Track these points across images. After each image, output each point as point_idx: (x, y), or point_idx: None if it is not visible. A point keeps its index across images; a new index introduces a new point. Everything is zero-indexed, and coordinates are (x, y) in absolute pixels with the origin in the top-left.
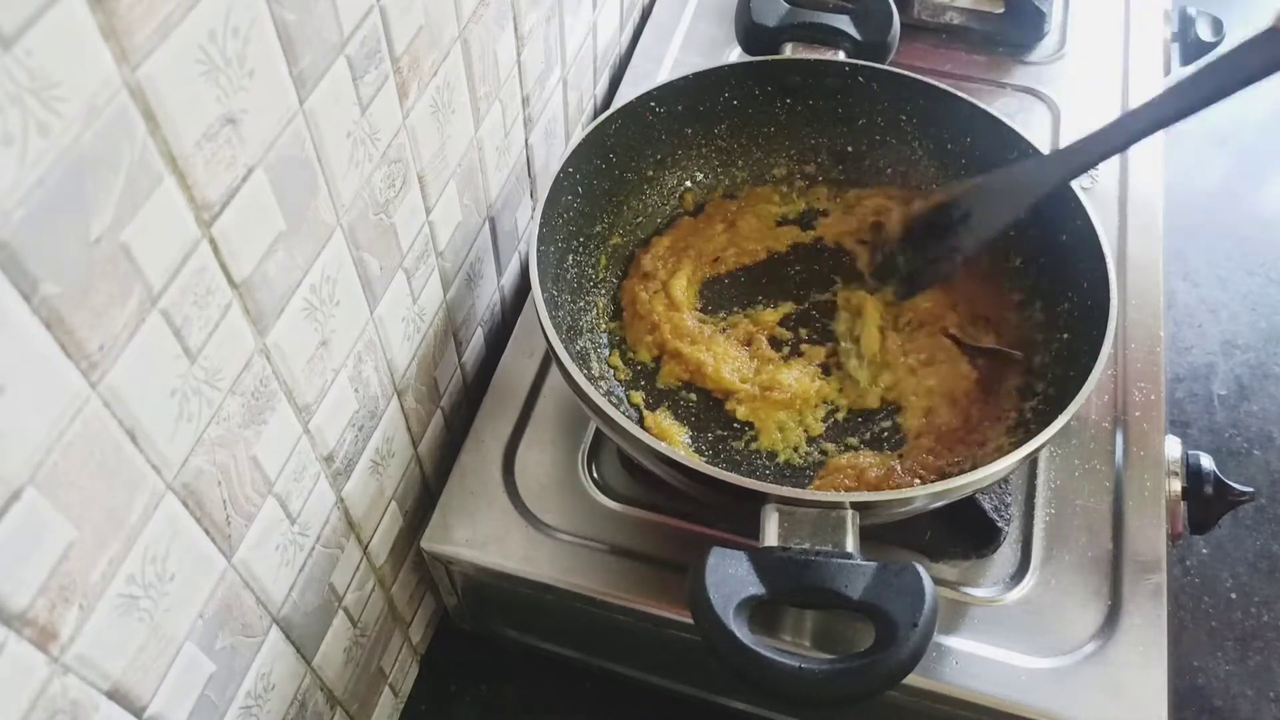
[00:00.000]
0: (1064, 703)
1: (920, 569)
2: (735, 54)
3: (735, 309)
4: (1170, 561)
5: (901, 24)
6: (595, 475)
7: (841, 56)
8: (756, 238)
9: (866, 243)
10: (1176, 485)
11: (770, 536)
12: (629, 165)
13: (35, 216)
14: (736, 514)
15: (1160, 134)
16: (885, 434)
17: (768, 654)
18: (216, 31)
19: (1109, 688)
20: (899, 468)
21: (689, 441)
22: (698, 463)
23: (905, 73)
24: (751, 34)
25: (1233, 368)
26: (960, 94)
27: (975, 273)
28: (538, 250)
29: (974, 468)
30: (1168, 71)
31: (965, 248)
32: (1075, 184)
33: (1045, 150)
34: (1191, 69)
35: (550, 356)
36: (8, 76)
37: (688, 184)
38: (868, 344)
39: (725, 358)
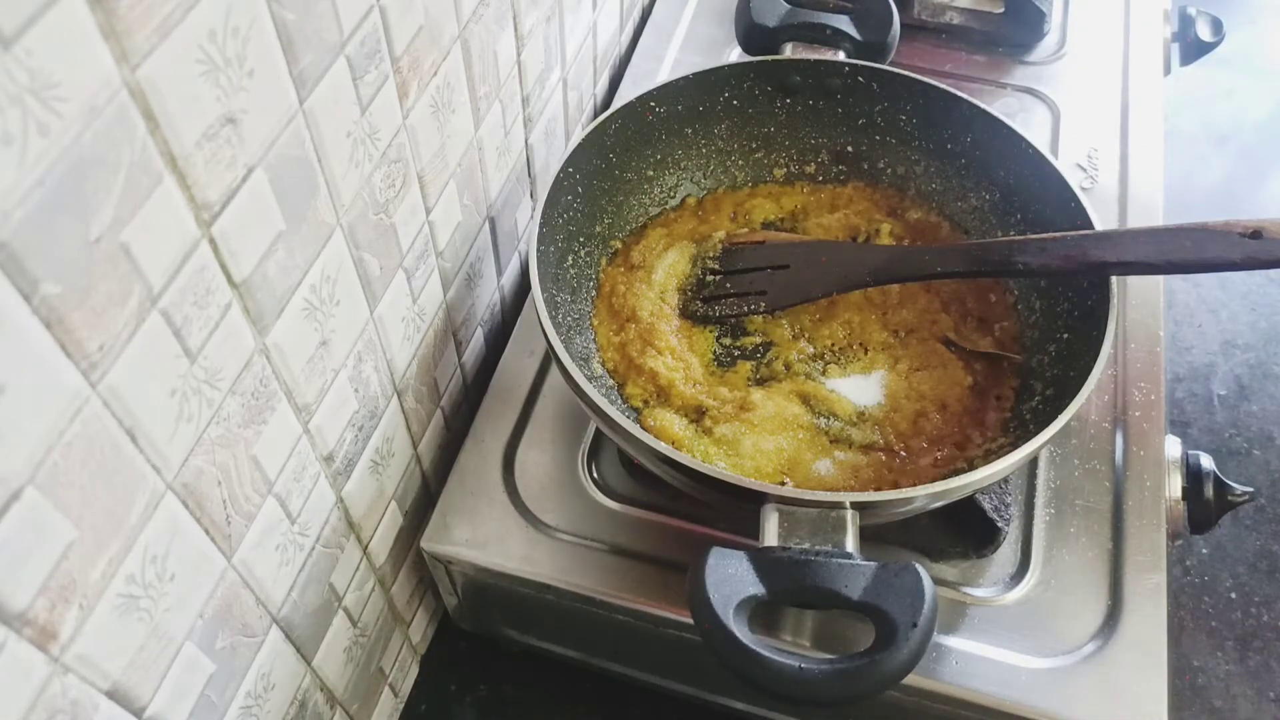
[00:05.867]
0: (1064, 703)
1: (920, 569)
2: (735, 54)
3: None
4: (1170, 561)
5: (901, 24)
6: (595, 475)
7: (841, 56)
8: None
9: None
10: (1176, 485)
11: (770, 536)
12: (629, 165)
13: (35, 216)
14: (736, 514)
15: (1160, 134)
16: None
17: (768, 654)
18: (216, 31)
19: (1109, 688)
20: (898, 469)
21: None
22: (698, 463)
23: (905, 73)
24: (751, 34)
25: (1233, 368)
26: (960, 94)
27: None
28: (538, 250)
29: (973, 468)
30: (1168, 71)
31: (770, 299)
32: (1075, 184)
33: (1045, 151)
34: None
35: (550, 356)
36: (8, 76)
37: (687, 184)
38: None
39: (691, 369)
